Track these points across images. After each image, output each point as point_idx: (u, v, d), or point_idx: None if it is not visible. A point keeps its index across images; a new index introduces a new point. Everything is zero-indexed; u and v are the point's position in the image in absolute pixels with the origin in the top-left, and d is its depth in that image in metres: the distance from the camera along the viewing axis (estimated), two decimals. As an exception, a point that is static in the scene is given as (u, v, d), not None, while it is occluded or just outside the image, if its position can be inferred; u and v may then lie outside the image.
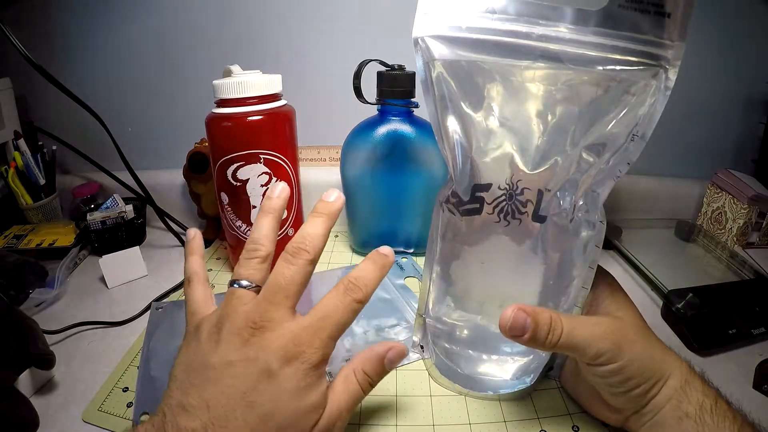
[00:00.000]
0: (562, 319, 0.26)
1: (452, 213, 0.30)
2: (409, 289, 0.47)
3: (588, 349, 0.26)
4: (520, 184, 0.28)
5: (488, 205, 0.29)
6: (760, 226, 0.55)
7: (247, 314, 0.26)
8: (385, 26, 0.58)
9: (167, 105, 0.64)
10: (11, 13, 0.59)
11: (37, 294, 0.44)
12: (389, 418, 0.32)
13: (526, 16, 0.24)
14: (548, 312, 0.26)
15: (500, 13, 0.24)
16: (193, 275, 0.31)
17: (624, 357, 0.26)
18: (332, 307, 0.26)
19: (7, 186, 0.58)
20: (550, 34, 0.24)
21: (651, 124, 0.25)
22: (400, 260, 0.52)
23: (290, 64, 0.60)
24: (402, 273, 0.50)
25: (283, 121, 0.45)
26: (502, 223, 0.29)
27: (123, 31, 0.61)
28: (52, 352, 0.35)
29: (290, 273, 0.26)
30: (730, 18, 0.56)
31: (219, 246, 0.58)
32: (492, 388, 0.33)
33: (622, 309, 0.29)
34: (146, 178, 0.55)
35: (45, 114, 0.65)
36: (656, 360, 0.27)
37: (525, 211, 0.28)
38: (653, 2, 0.23)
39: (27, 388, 0.34)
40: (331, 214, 0.28)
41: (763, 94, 0.59)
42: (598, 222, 0.27)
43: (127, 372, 0.36)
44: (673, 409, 0.26)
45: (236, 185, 0.44)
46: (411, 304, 0.44)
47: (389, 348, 0.29)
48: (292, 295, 0.26)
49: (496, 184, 0.28)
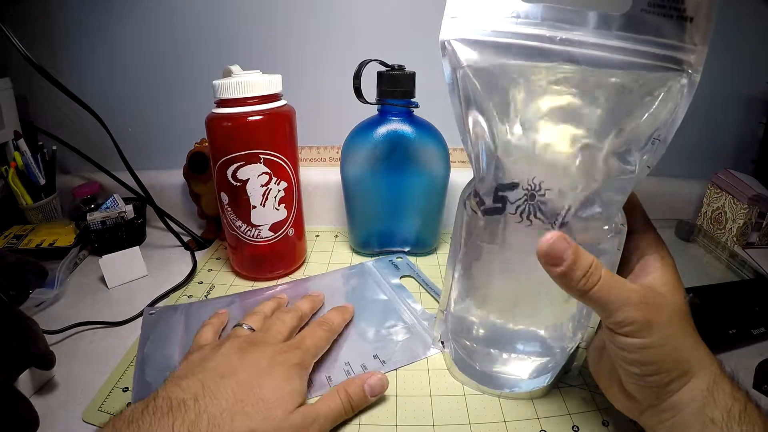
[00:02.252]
0: (602, 271, 0.24)
1: (475, 212, 0.30)
2: (405, 288, 0.47)
3: (617, 312, 0.24)
4: (542, 185, 0.28)
5: (511, 204, 0.29)
6: (760, 226, 0.55)
7: (247, 337, 0.33)
8: (385, 26, 0.58)
9: (167, 105, 0.64)
10: (11, 13, 0.59)
11: (37, 294, 0.44)
12: (389, 418, 0.32)
13: (550, 20, 0.25)
14: (591, 256, 0.24)
15: (524, 18, 0.25)
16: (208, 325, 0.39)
17: (651, 335, 0.24)
18: (308, 334, 0.35)
19: (7, 186, 0.58)
20: (573, 38, 0.24)
21: (672, 128, 0.25)
22: (395, 260, 0.53)
23: (290, 64, 0.60)
24: (397, 272, 0.50)
25: (283, 121, 0.45)
26: (525, 223, 0.29)
27: (123, 32, 0.61)
28: (52, 352, 0.35)
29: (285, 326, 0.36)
30: (730, 18, 0.56)
31: (219, 246, 0.58)
32: (508, 386, 0.34)
33: (667, 287, 0.26)
34: (146, 178, 0.55)
35: (45, 114, 0.65)
36: (684, 352, 0.25)
37: (547, 212, 0.28)
38: (675, 6, 0.23)
39: (27, 388, 0.34)
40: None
41: (763, 94, 0.59)
42: (619, 225, 0.27)
43: (127, 372, 0.36)
44: (696, 413, 0.24)
45: (236, 185, 0.44)
46: (408, 303, 0.44)
47: (371, 375, 0.33)
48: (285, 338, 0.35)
49: (519, 185, 0.28)
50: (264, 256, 0.49)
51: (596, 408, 0.32)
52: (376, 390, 0.32)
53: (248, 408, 0.27)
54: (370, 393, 0.32)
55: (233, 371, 0.29)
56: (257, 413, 0.27)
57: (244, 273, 0.50)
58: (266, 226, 0.47)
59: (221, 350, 0.31)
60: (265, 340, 0.33)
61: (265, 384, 0.28)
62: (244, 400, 0.27)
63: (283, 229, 0.48)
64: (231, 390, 0.27)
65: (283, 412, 0.28)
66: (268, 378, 0.29)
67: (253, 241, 0.47)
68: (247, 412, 0.26)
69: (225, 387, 0.27)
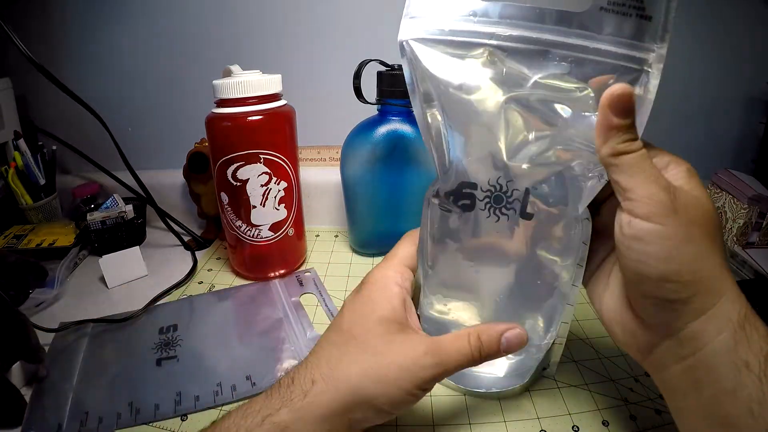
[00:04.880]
0: (641, 147, 0.22)
1: (442, 210, 0.30)
2: (302, 306, 0.44)
3: (642, 186, 0.21)
4: (509, 185, 0.28)
5: (479, 201, 0.29)
6: (760, 226, 0.55)
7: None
8: (386, 26, 0.58)
9: (167, 105, 0.64)
10: (11, 13, 0.59)
11: (37, 294, 0.44)
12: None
13: (508, 18, 0.25)
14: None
15: (482, 16, 0.25)
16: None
17: (674, 224, 0.20)
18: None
19: (7, 186, 0.58)
20: (531, 36, 0.24)
21: (638, 125, 0.25)
22: (302, 275, 0.50)
23: (290, 64, 0.60)
24: (300, 289, 0.48)
25: (283, 121, 0.45)
26: (492, 218, 0.29)
27: (123, 31, 0.61)
28: (43, 348, 0.35)
29: None
30: (730, 18, 0.56)
31: (219, 246, 0.58)
32: (485, 385, 0.34)
33: (696, 191, 0.22)
34: (146, 178, 0.55)
35: (45, 114, 0.65)
36: (709, 263, 0.21)
37: (513, 208, 0.29)
38: (634, 5, 0.23)
39: (18, 381, 0.34)
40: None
41: (763, 94, 0.59)
42: (584, 219, 0.28)
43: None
44: (727, 352, 0.20)
45: (236, 185, 0.44)
46: (301, 323, 0.42)
47: (512, 328, 0.27)
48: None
49: (483, 182, 0.29)
50: (264, 256, 0.49)
51: (596, 408, 0.32)
52: (513, 346, 0.27)
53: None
54: (505, 347, 0.26)
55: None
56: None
57: (244, 273, 0.50)
58: (266, 225, 0.47)
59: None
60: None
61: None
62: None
63: (283, 229, 0.48)
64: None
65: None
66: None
67: (253, 241, 0.47)
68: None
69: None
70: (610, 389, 0.34)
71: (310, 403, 0.24)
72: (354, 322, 0.27)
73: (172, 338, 0.40)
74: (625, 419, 0.31)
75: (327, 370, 0.25)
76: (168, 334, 0.40)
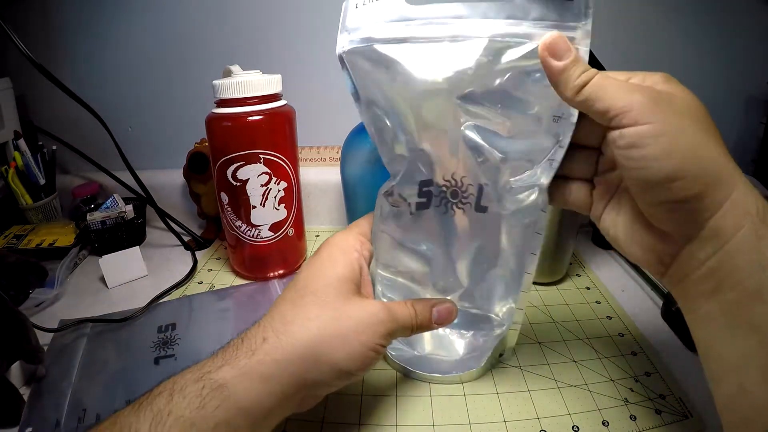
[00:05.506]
0: (597, 72, 0.22)
1: (397, 206, 0.31)
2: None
3: (616, 100, 0.21)
4: (463, 180, 0.30)
5: (435, 197, 0.31)
6: (760, 226, 0.55)
7: None
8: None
9: (167, 105, 0.64)
10: (11, 13, 0.59)
11: (37, 294, 0.44)
12: (389, 418, 0.32)
13: (439, 17, 0.26)
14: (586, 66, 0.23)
15: (414, 19, 0.26)
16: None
17: (660, 119, 0.20)
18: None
19: (7, 186, 0.58)
20: (463, 33, 0.25)
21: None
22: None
23: (290, 64, 0.60)
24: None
25: (283, 121, 0.45)
26: (449, 213, 0.31)
27: (123, 31, 0.61)
28: (42, 349, 0.35)
29: None
30: (730, 17, 0.56)
31: (219, 246, 0.58)
32: (441, 370, 0.35)
33: (676, 89, 0.22)
34: (146, 178, 0.55)
35: (45, 114, 0.65)
36: (709, 151, 0.20)
37: (468, 202, 0.30)
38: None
39: (17, 381, 0.34)
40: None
41: (763, 94, 0.59)
42: (539, 210, 0.29)
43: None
44: (750, 250, 0.19)
45: (236, 185, 0.44)
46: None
47: (441, 302, 0.30)
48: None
49: (437, 179, 0.30)
50: (264, 256, 0.49)
51: (596, 408, 0.32)
52: (442, 317, 0.29)
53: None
54: (436, 319, 0.29)
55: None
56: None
57: (244, 273, 0.50)
58: (266, 226, 0.47)
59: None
60: None
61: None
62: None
63: (283, 229, 0.48)
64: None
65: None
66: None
67: (253, 241, 0.47)
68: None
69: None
70: (610, 389, 0.34)
71: (259, 361, 0.23)
72: (312, 278, 0.27)
73: (170, 337, 0.40)
74: (625, 419, 0.31)
75: (281, 326, 0.25)
76: (166, 332, 0.41)
